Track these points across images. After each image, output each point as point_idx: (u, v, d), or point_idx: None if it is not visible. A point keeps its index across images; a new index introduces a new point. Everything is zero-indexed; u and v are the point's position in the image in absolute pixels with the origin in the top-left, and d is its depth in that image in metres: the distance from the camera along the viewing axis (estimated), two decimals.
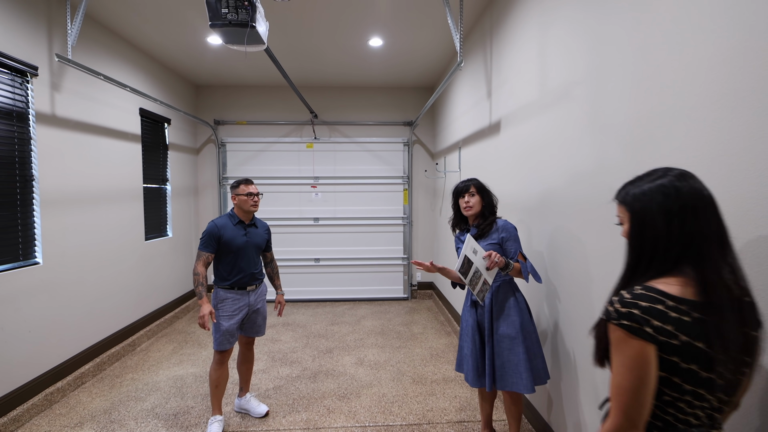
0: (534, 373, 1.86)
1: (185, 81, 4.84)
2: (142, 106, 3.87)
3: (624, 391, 0.81)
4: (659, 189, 0.84)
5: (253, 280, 2.41)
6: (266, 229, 2.56)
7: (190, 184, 4.98)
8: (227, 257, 2.34)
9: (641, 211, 0.86)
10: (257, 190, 2.44)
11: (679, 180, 0.84)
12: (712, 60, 1.12)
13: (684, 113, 1.22)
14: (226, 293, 2.35)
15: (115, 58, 3.48)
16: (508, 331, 1.86)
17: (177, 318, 4.47)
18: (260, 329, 2.53)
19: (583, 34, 1.75)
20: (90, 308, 3.15)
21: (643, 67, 1.39)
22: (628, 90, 1.46)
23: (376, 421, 2.47)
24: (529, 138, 2.30)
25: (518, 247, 1.91)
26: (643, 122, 1.39)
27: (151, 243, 4.04)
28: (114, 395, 2.81)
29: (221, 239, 2.31)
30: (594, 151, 1.69)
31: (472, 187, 1.99)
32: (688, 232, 0.81)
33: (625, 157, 1.48)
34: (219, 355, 2.35)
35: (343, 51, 3.91)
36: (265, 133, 5.16)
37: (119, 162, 3.52)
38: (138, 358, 3.46)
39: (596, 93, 1.66)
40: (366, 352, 3.53)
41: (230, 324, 2.33)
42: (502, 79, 2.72)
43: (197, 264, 2.28)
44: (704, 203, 0.82)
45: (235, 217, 2.40)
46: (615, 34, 1.54)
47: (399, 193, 5.25)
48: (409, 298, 5.28)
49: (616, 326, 0.82)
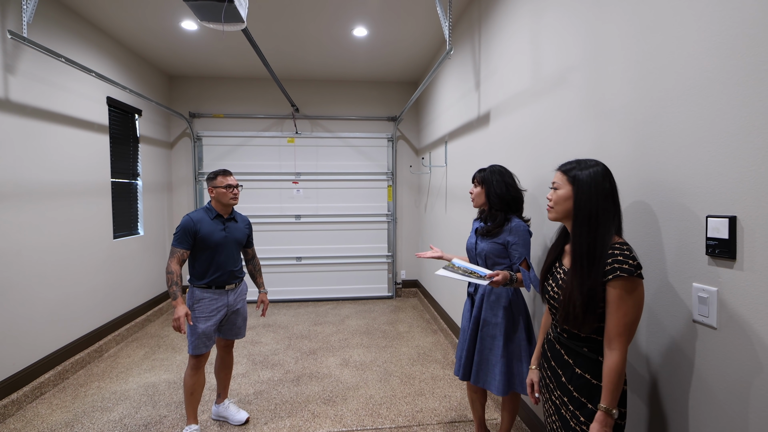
0: (509, 378, 1.79)
1: (158, 70, 4.58)
2: (110, 94, 3.62)
3: (632, 324, 1.09)
4: (598, 174, 1.16)
5: (232, 278, 2.25)
6: (247, 223, 2.40)
7: (164, 180, 4.72)
8: (204, 254, 2.17)
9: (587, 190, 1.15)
10: (236, 181, 2.27)
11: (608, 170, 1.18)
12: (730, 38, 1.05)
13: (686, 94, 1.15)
14: (203, 293, 2.18)
15: (78, 42, 3.23)
16: (492, 332, 1.84)
17: (149, 321, 4.22)
18: (240, 331, 2.37)
19: (580, 17, 1.68)
20: (51, 312, 2.90)
21: (649, 47, 1.32)
22: (629, 72, 1.40)
23: (363, 424, 2.35)
24: (522, 128, 2.23)
25: (524, 253, 1.76)
26: (645, 104, 1.32)
27: (120, 241, 3.79)
28: (77, 406, 2.59)
29: (197, 234, 2.14)
30: (591, 136, 1.62)
31: (476, 177, 1.91)
32: (615, 205, 1.16)
33: (625, 141, 1.42)
34: (194, 359, 2.18)
35: (326, 41, 3.77)
36: (244, 126, 4.95)
37: (84, 154, 3.27)
38: (105, 365, 3.22)
39: (594, 77, 1.60)
40: (351, 353, 3.40)
41: (207, 326, 2.16)
42: (491, 69, 2.64)
43: (170, 262, 2.09)
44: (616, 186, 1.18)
45: (212, 211, 2.23)
46: (614, 15, 1.47)
47: (383, 189, 5.14)
48: (394, 297, 5.17)
49: (636, 277, 1.07)
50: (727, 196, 1.06)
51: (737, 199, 1.04)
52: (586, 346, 1.19)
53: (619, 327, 1.08)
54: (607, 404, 1.10)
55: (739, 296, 1.04)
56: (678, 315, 1.22)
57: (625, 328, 1.08)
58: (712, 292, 1.10)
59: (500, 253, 1.80)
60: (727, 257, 1.06)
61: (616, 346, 1.09)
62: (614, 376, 1.09)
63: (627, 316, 1.07)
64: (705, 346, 1.13)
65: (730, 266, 1.06)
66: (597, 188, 1.14)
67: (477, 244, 1.88)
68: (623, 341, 1.08)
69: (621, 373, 1.09)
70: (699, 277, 1.14)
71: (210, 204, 2.26)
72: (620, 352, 1.09)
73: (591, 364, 1.17)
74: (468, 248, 1.97)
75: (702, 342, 1.14)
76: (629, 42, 1.41)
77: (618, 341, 1.09)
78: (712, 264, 1.11)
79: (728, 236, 1.05)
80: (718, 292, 1.09)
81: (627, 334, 1.08)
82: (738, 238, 1.04)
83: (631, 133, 1.40)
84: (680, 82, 1.20)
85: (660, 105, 1.28)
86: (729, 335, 1.06)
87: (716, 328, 1.10)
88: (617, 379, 1.09)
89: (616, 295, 1.08)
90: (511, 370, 1.81)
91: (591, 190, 1.14)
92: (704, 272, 1.13)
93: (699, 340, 1.15)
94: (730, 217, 1.05)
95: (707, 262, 1.12)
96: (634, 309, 1.08)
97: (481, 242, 1.86)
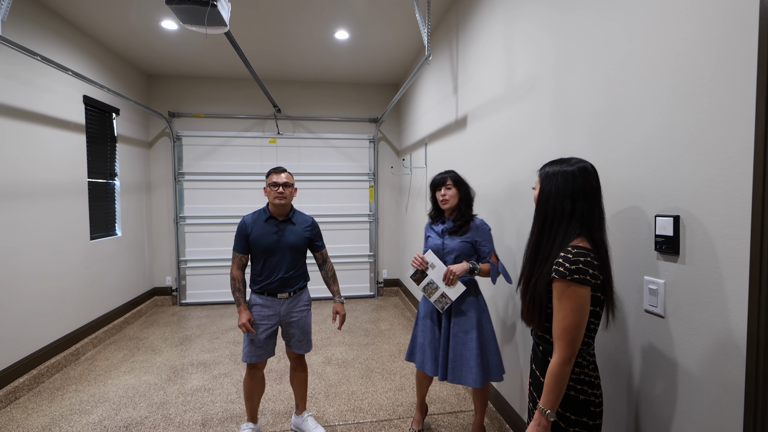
0: (484, 369, 1.89)
1: (136, 69, 4.53)
2: (86, 93, 3.57)
3: (571, 329, 1.06)
4: (563, 174, 1.14)
5: (284, 286, 2.08)
6: (308, 225, 2.18)
7: (143, 180, 4.66)
8: (257, 258, 2.07)
9: (548, 188, 1.16)
10: (286, 179, 2.06)
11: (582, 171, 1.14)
12: (674, 50, 1.17)
13: (644, 103, 1.27)
14: (256, 298, 2.10)
15: (55, 40, 3.18)
16: (465, 327, 1.91)
17: (128, 323, 4.17)
18: (302, 345, 2.18)
19: (549, 27, 1.79)
20: (25, 314, 2.85)
21: (606, 58, 1.43)
22: (592, 81, 1.51)
23: (345, 419, 2.41)
24: (497, 132, 2.34)
25: (491, 248, 1.93)
26: (606, 113, 1.44)
27: (97, 242, 3.74)
28: (54, 410, 2.56)
29: (249, 237, 2.05)
30: (558, 141, 1.73)
31: (449, 179, 1.97)
32: (574, 206, 1.13)
33: (587, 146, 1.53)
34: (248, 368, 2.12)
35: (309, 43, 3.81)
36: (225, 126, 4.94)
37: (60, 154, 3.22)
38: (83, 367, 3.18)
39: (560, 85, 1.71)
40: (333, 351, 3.45)
41: (258, 334, 2.06)
42: (468, 74, 2.75)
43: (232, 267, 2.07)
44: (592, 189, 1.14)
45: (267, 212, 2.09)
46: (579, 26, 1.58)
47: (365, 190, 5.20)
48: (376, 296, 5.25)
49: (570, 281, 1.06)
50: (672, 197, 1.18)
51: (680, 201, 1.15)
52: (541, 345, 1.23)
53: (558, 329, 1.07)
54: (543, 404, 1.09)
55: (683, 287, 1.15)
56: (632, 305, 1.33)
57: (564, 331, 1.06)
58: (660, 284, 1.22)
59: (469, 251, 1.93)
60: (672, 252, 1.18)
61: (557, 348, 1.08)
62: (550, 378, 1.08)
63: (565, 319, 1.06)
64: (655, 333, 1.25)
65: (675, 260, 1.17)
66: (557, 189, 1.14)
67: (445, 244, 1.96)
68: (563, 345, 1.06)
69: (558, 375, 1.07)
70: (649, 271, 1.26)
71: (267, 205, 2.13)
72: (559, 356, 1.07)
73: (540, 362, 1.22)
74: (433, 249, 1.99)
75: (652, 329, 1.26)
76: (591, 53, 1.52)
77: (558, 343, 1.07)
78: (660, 259, 1.22)
79: (673, 233, 1.17)
80: (665, 284, 1.21)
81: (566, 337, 1.06)
82: (681, 235, 1.15)
83: (593, 139, 1.52)
84: (635, 93, 1.32)
85: (617, 113, 1.39)
86: (675, 323, 1.18)
87: (664, 316, 1.21)
88: (553, 382, 1.07)
89: (555, 296, 1.09)
90: (485, 360, 1.91)
91: (550, 190, 1.15)
92: (654, 266, 1.24)
93: (649, 327, 1.27)
94: (674, 217, 1.16)
95: (656, 257, 1.23)
96: (572, 313, 1.05)
97: (449, 241, 1.95)
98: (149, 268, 4.84)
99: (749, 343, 0.97)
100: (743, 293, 0.98)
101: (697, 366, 1.11)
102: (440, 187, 1.99)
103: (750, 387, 0.97)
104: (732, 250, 1.01)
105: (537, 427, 1.10)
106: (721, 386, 1.04)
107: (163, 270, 4.93)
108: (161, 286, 4.93)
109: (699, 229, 1.10)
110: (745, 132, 0.98)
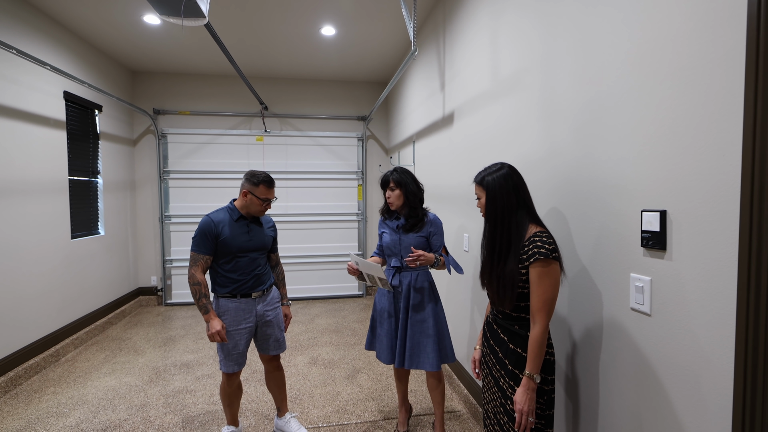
0: (441, 353, 2.01)
1: (119, 65, 4.42)
2: (67, 89, 3.47)
3: (550, 300, 1.25)
4: (501, 176, 1.36)
5: (258, 284, 2.03)
6: (271, 225, 2.15)
7: (126, 178, 4.56)
8: (225, 259, 1.96)
9: (493, 190, 1.35)
10: (275, 196, 2.05)
11: (511, 170, 1.38)
12: (661, 42, 1.14)
13: (630, 96, 1.23)
14: (228, 303, 1.98)
15: (33, 34, 3.08)
16: (422, 316, 2.00)
17: (110, 324, 4.07)
18: (279, 344, 2.12)
19: (534, 21, 1.76)
20: (1, 315, 2.76)
21: (593, 50, 1.40)
22: (579, 74, 1.48)
23: (330, 421, 2.36)
24: (483, 128, 2.30)
25: (442, 241, 2.05)
26: (592, 106, 1.40)
27: (78, 241, 3.64)
28: (30, 413, 2.48)
29: (218, 238, 1.92)
30: (544, 135, 1.70)
31: (392, 181, 2.03)
32: (519, 199, 1.34)
33: (572, 140, 1.50)
34: (225, 376, 2.03)
35: (295, 39, 3.75)
36: (211, 124, 4.85)
37: (38, 151, 3.12)
38: (62, 369, 3.09)
39: (546, 80, 1.67)
40: (320, 351, 3.40)
41: (236, 342, 1.97)
42: (455, 70, 2.71)
43: (194, 271, 1.89)
44: (522, 182, 1.37)
45: (235, 212, 1.99)
46: (564, 19, 1.55)
47: (353, 188, 5.15)
48: (364, 295, 5.20)
49: (551, 259, 1.25)
50: (659, 191, 1.14)
51: (667, 195, 1.12)
52: (517, 324, 1.36)
53: (539, 303, 1.26)
54: (530, 370, 1.26)
55: (669, 285, 1.12)
56: (617, 303, 1.30)
57: (544, 304, 1.25)
58: (647, 281, 1.18)
59: (424, 245, 2.03)
60: (658, 248, 1.14)
61: (538, 320, 1.26)
62: (535, 346, 1.26)
63: (546, 293, 1.25)
64: (641, 332, 1.22)
65: (662, 257, 1.14)
66: (502, 189, 1.33)
67: (402, 240, 2.03)
68: (543, 315, 1.25)
69: (541, 343, 1.25)
70: (635, 268, 1.23)
71: (233, 203, 2.02)
72: (541, 326, 1.25)
73: (521, 339, 1.34)
74: (390, 245, 2.05)
75: (638, 328, 1.23)
76: (578, 45, 1.49)
77: (539, 315, 1.26)
78: (646, 255, 1.19)
79: (659, 229, 1.13)
80: (652, 281, 1.17)
81: (546, 309, 1.25)
82: (668, 230, 1.12)
83: (577, 133, 1.48)
84: (621, 86, 1.28)
85: (602, 107, 1.36)
86: (661, 321, 1.15)
87: (650, 315, 1.18)
88: (538, 349, 1.26)
89: (536, 275, 1.26)
90: (441, 345, 2.01)
91: (497, 191, 1.34)
92: (640, 263, 1.21)
93: (636, 326, 1.24)
94: (660, 211, 1.13)
95: (642, 253, 1.20)
96: (551, 287, 1.25)
97: (405, 237, 2.02)
98: (134, 267, 4.74)
99: (737, 341, 0.94)
100: (731, 290, 0.95)
101: (684, 365, 1.08)
102: (385, 188, 2.06)
103: (738, 387, 0.94)
104: (720, 245, 0.98)
105: (527, 390, 1.26)
106: (709, 386, 1.01)
107: (148, 269, 4.83)
108: (146, 286, 4.83)
109: (686, 224, 1.07)
110: (733, 123, 0.94)
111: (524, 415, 1.25)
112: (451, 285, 2.90)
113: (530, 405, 1.26)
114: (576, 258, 1.50)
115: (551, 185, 1.66)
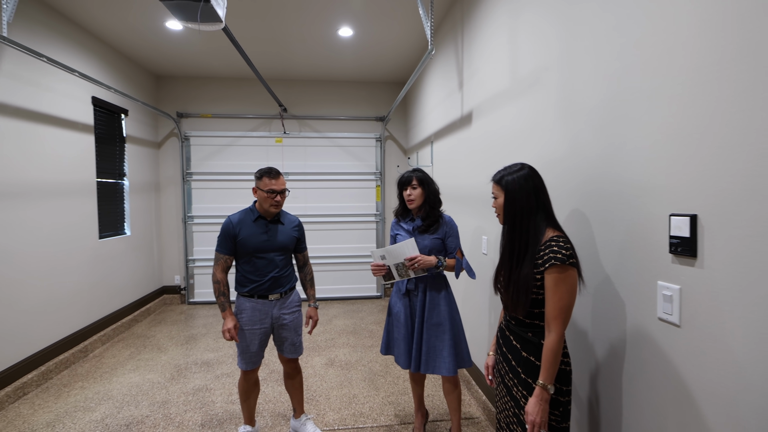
0: (457, 358, 1.97)
1: (144, 70, 4.56)
2: (95, 94, 3.60)
3: (566, 308, 1.20)
4: (520, 177, 1.30)
5: (276, 286, 2.02)
6: (295, 225, 2.14)
7: (151, 180, 4.70)
8: (244, 259, 1.99)
9: (513, 191, 1.30)
10: (283, 185, 2.00)
11: (532, 171, 1.32)
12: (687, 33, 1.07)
13: (655, 92, 1.17)
14: (245, 302, 2.01)
15: (62, 42, 3.21)
16: (438, 320, 1.97)
17: (136, 321, 4.20)
18: (295, 348, 2.12)
19: (554, 18, 1.69)
20: (35, 312, 2.88)
21: (614, 44, 1.33)
22: (599, 72, 1.41)
23: (345, 424, 2.35)
24: (501, 128, 2.24)
25: (458, 243, 2.02)
26: (615, 103, 1.34)
27: (106, 241, 3.77)
28: (60, 406, 2.57)
29: (237, 238, 1.96)
30: (566, 136, 1.63)
31: (414, 179, 2.00)
32: (539, 202, 1.29)
33: (596, 140, 1.43)
34: (243, 373, 2.07)
35: (312, 41, 3.77)
36: (232, 126, 4.94)
37: (69, 154, 3.24)
38: (90, 365, 3.20)
39: (566, 77, 1.61)
40: (337, 352, 3.40)
41: (250, 340, 2.00)
42: (473, 69, 2.66)
43: (215, 270, 1.96)
44: (542, 184, 1.32)
45: (254, 212, 2.02)
46: (585, 14, 1.48)
47: (371, 189, 5.14)
48: (383, 297, 5.18)
49: (568, 265, 1.19)
50: (689, 194, 1.08)
51: (698, 198, 1.05)
52: (530, 332, 1.30)
53: (555, 310, 1.20)
54: (543, 380, 1.20)
55: (701, 294, 1.05)
56: (644, 313, 1.23)
57: (560, 311, 1.19)
58: (675, 290, 1.12)
59: (440, 247, 1.99)
60: (688, 255, 1.07)
61: (553, 328, 1.20)
62: (550, 354, 1.20)
63: (562, 300, 1.19)
64: (670, 344, 1.15)
65: (692, 264, 1.07)
66: (522, 190, 1.28)
67: (417, 242, 1.98)
68: (559, 323, 1.20)
69: (557, 352, 1.20)
70: (663, 275, 1.16)
71: (254, 205, 2.04)
72: (556, 334, 1.20)
73: (534, 347, 1.29)
74: None
75: (667, 339, 1.16)
76: (598, 40, 1.42)
77: (554, 323, 1.20)
78: (675, 262, 1.12)
79: (689, 234, 1.06)
80: (681, 290, 1.10)
81: (562, 316, 1.20)
82: (699, 236, 1.05)
83: (601, 133, 1.42)
84: (645, 82, 1.22)
85: (627, 105, 1.29)
86: (691, 333, 1.08)
87: (680, 326, 1.11)
88: (553, 358, 1.20)
89: (551, 281, 1.20)
90: (457, 349, 1.98)
91: (516, 192, 1.29)
92: (668, 270, 1.14)
93: (664, 337, 1.17)
94: (691, 216, 1.06)
95: (671, 260, 1.13)
96: (567, 294, 1.19)
97: (421, 239, 1.98)
98: (158, 267, 4.87)
99: None
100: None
101: (719, 381, 1.01)
102: (406, 186, 2.01)
103: None
104: (758, 252, 0.91)
105: (540, 401, 1.20)
106: (748, 409, 0.94)
107: (171, 269, 4.96)
108: (170, 285, 4.96)
109: (719, 230, 1.00)
110: None
111: (536, 426, 1.20)
112: (468, 288, 2.85)
113: (543, 416, 1.20)
114: (598, 263, 1.43)
115: (572, 185, 1.59)
